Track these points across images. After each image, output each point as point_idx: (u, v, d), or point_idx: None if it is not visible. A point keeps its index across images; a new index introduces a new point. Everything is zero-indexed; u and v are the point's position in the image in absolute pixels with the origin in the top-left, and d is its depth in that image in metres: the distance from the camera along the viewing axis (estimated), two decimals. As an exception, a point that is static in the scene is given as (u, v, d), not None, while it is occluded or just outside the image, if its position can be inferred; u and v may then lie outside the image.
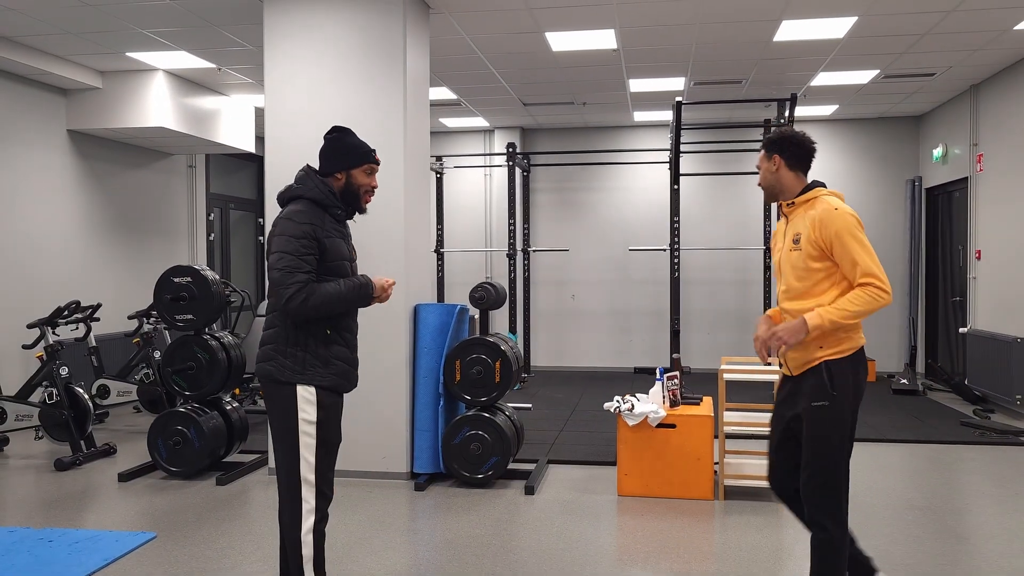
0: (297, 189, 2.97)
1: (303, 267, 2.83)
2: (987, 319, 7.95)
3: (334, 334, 2.95)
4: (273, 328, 2.94)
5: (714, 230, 10.22)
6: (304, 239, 2.85)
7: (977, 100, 8.20)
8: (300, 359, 2.89)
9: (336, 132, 3.07)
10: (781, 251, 3.11)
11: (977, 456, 5.89)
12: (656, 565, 3.84)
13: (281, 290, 2.80)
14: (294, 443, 2.89)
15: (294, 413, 2.87)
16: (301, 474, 2.89)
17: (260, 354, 2.97)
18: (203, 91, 8.29)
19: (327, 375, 2.93)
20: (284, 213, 2.92)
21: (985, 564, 3.80)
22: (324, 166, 3.02)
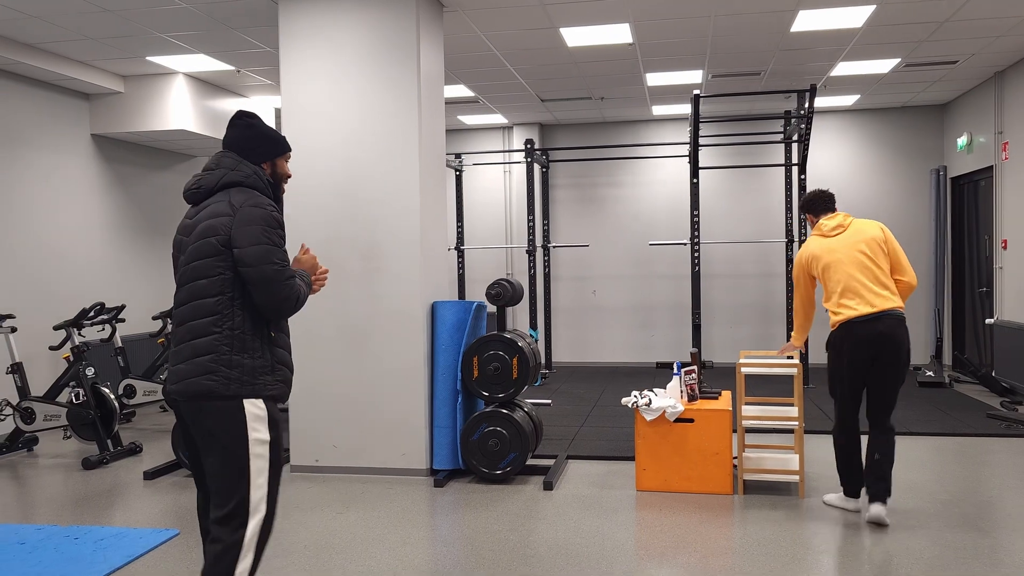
0: (234, 175, 2.67)
1: (287, 260, 2.63)
2: (1014, 309, 7.83)
3: (277, 335, 2.69)
4: (208, 335, 2.55)
5: (735, 223, 10.15)
6: (280, 229, 2.63)
7: (1002, 87, 8.07)
8: (248, 368, 2.56)
9: (249, 118, 2.80)
10: None
11: (1003, 449, 5.81)
12: (674, 560, 3.83)
13: (277, 288, 2.56)
14: (244, 468, 2.53)
15: (244, 433, 2.53)
16: (251, 503, 2.54)
17: (191, 367, 2.55)
18: (223, 93, 8.38)
19: (274, 383, 2.64)
20: (247, 200, 2.60)
21: (1007, 557, 3.75)
22: (254, 155, 2.74)
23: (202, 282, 2.58)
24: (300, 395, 5.42)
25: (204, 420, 2.57)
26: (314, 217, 5.36)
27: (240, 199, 2.60)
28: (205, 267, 2.58)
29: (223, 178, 2.65)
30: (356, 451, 5.36)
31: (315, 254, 2.94)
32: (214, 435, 2.56)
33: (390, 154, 5.29)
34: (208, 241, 2.57)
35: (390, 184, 5.30)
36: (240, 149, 2.73)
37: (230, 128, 2.79)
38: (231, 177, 2.65)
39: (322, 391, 5.38)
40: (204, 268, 2.58)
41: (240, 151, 2.73)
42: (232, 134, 2.77)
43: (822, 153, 9.89)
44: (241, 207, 2.58)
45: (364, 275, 5.32)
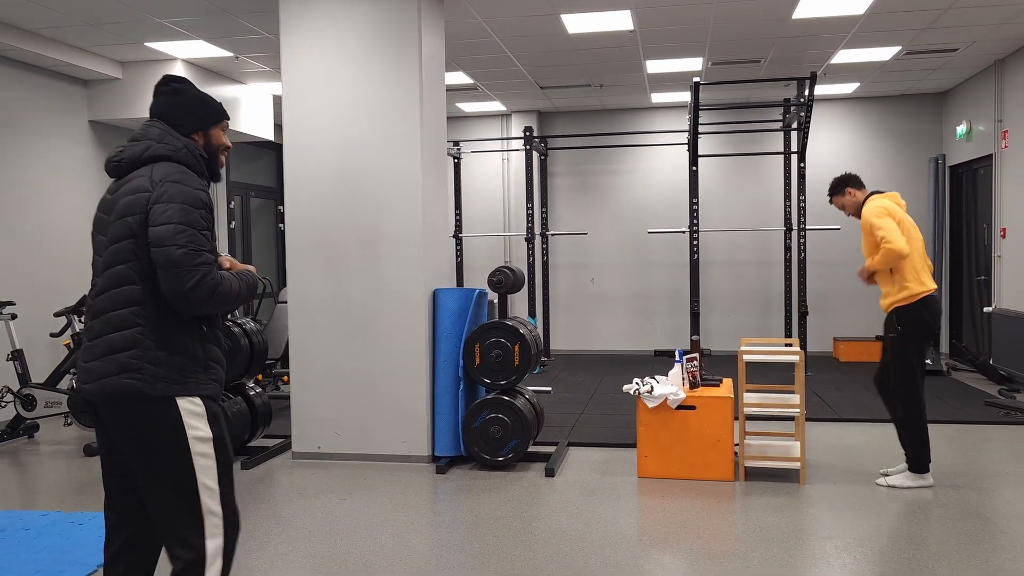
0: (159, 148, 2.36)
1: (206, 244, 2.28)
2: (1013, 298, 7.86)
3: (209, 331, 2.39)
4: (129, 327, 2.25)
5: (734, 211, 10.15)
6: (203, 210, 2.31)
7: (1002, 76, 8.07)
8: (177, 365, 2.28)
9: (179, 83, 2.50)
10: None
11: (1002, 436, 5.84)
12: (677, 545, 3.85)
13: (183, 273, 2.21)
14: (187, 471, 2.26)
15: (181, 433, 2.26)
16: (203, 505, 2.28)
17: (107, 365, 2.24)
18: (221, 80, 8.34)
19: (208, 382, 2.35)
20: (168, 175, 2.31)
21: (1007, 542, 3.78)
22: (183, 124, 2.43)
23: (121, 268, 2.27)
24: (301, 382, 5.42)
25: (130, 424, 2.28)
26: (314, 203, 5.35)
27: (162, 174, 2.31)
28: (124, 250, 2.28)
29: (147, 151, 2.36)
30: (358, 438, 5.37)
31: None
32: (145, 441, 2.27)
33: (392, 140, 5.28)
34: (125, 221, 2.28)
35: (392, 170, 5.28)
36: (168, 119, 2.43)
37: (156, 95, 2.49)
38: (157, 150, 2.36)
39: (323, 378, 5.38)
40: (123, 252, 2.28)
41: (169, 121, 2.42)
42: (158, 102, 2.47)
43: (821, 141, 9.89)
44: (161, 182, 2.29)
45: (365, 262, 5.31)
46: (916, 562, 3.57)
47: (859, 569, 3.52)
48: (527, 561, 3.67)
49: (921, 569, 3.49)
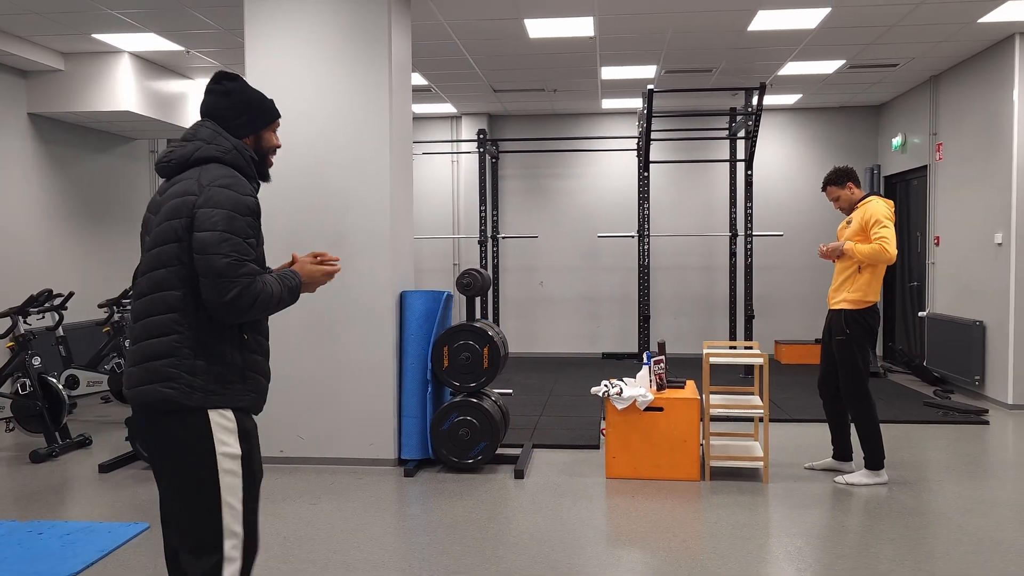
0: (208, 149, 2.30)
1: (250, 254, 2.23)
2: (945, 303, 8.24)
3: (251, 339, 2.32)
4: (167, 334, 2.19)
5: (680, 217, 10.36)
6: (250, 216, 2.25)
7: (937, 91, 8.46)
8: (216, 375, 2.22)
9: (232, 80, 2.41)
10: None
11: (943, 435, 6.12)
12: (649, 544, 3.92)
13: (225, 284, 2.15)
14: (213, 487, 2.20)
15: (210, 448, 2.20)
16: (225, 526, 2.21)
17: (146, 372, 2.20)
18: (168, 74, 8.11)
19: (245, 393, 2.29)
20: (216, 178, 2.23)
21: (965, 536, 3.97)
22: (236, 125, 2.37)
23: (163, 271, 2.21)
24: (264, 385, 5.31)
25: (161, 433, 2.24)
26: (281, 205, 5.25)
27: (210, 177, 2.24)
28: (167, 254, 2.21)
29: (197, 151, 2.29)
30: (322, 442, 5.30)
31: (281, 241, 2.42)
32: (174, 452, 2.23)
33: (360, 142, 5.23)
34: (171, 224, 2.21)
35: (360, 172, 5.23)
36: (220, 118, 2.36)
37: (207, 94, 2.41)
38: (206, 151, 2.29)
39: (287, 381, 5.28)
40: (166, 255, 2.21)
41: (220, 120, 2.36)
42: (209, 101, 2.39)
43: (763, 149, 10.17)
44: (209, 186, 2.21)
45: (332, 263, 5.23)
46: (873, 555, 3.72)
47: (826, 562, 3.65)
48: (509, 562, 3.68)
49: (879, 561, 3.64)
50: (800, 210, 10.26)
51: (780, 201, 10.31)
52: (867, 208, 4.79)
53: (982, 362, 7.37)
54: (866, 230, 4.72)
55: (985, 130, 7.41)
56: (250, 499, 2.27)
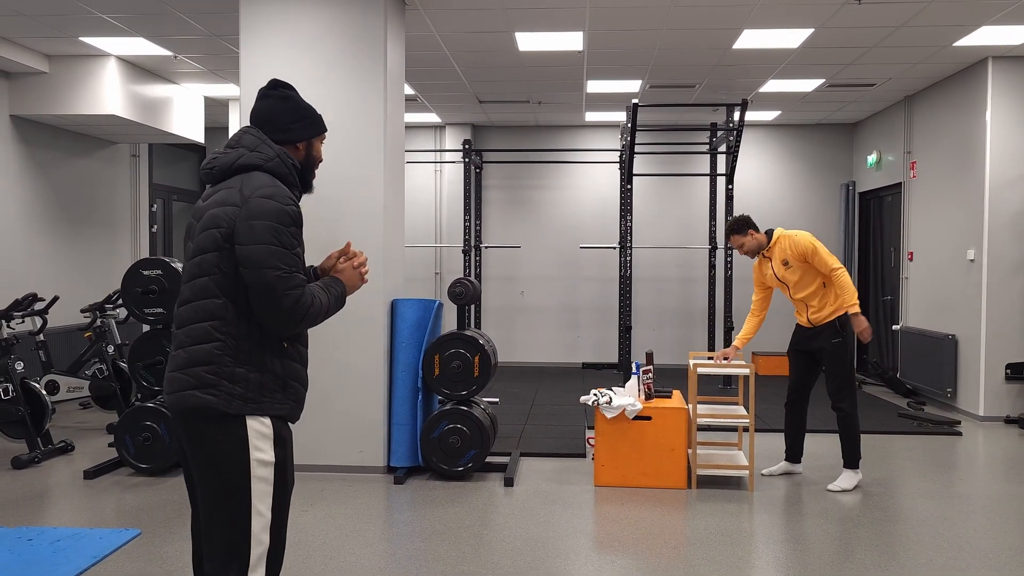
0: (252, 157, 2.30)
1: (297, 265, 2.24)
2: (918, 317, 8.44)
3: (291, 348, 2.33)
4: (209, 341, 2.21)
5: (659, 229, 10.50)
6: (294, 227, 2.25)
7: (911, 110, 8.68)
8: (255, 383, 2.23)
9: (285, 88, 2.44)
10: (776, 274, 5.11)
11: (918, 445, 6.28)
12: (638, 551, 3.99)
13: (278, 298, 2.17)
14: (244, 493, 2.21)
15: (245, 454, 2.22)
16: (252, 533, 2.22)
17: (188, 378, 2.22)
18: (154, 79, 8.08)
19: (285, 401, 2.31)
20: (258, 189, 2.23)
21: (946, 543, 4.09)
22: (285, 133, 2.39)
23: (204, 280, 2.23)
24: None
25: (198, 438, 2.25)
26: (273, 211, 5.26)
27: (252, 187, 2.24)
28: (208, 263, 2.23)
29: (240, 159, 2.29)
30: (312, 449, 5.29)
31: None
32: (209, 456, 2.24)
33: (354, 150, 5.27)
34: (211, 233, 2.22)
35: (354, 181, 5.27)
36: (268, 125, 2.37)
37: (261, 99, 2.41)
38: (249, 159, 2.29)
39: (277, 388, 5.28)
40: (207, 264, 2.23)
41: (267, 128, 2.37)
42: (262, 107, 2.40)
43: (742, 164, 10.34)
44: (251, 197, 2.21)
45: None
46: (858, 560, 3.82)
47: (811, 569, 3.74)
48: (504, 568, 3.73)
49: (863, 567, 3.74)
50: (778, 222, 10.30)
51: (757, 215, 10.33)
52: (795, 243, 5.02)
53: (954, 375, 7.56)
54: (808, 261, 4.98)
55: (958, 149, 7.62)
56: (280, 508, 2.28)
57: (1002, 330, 7.12)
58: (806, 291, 5.03)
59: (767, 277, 5.21)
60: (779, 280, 5.14)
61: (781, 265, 5.07)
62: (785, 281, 5.10)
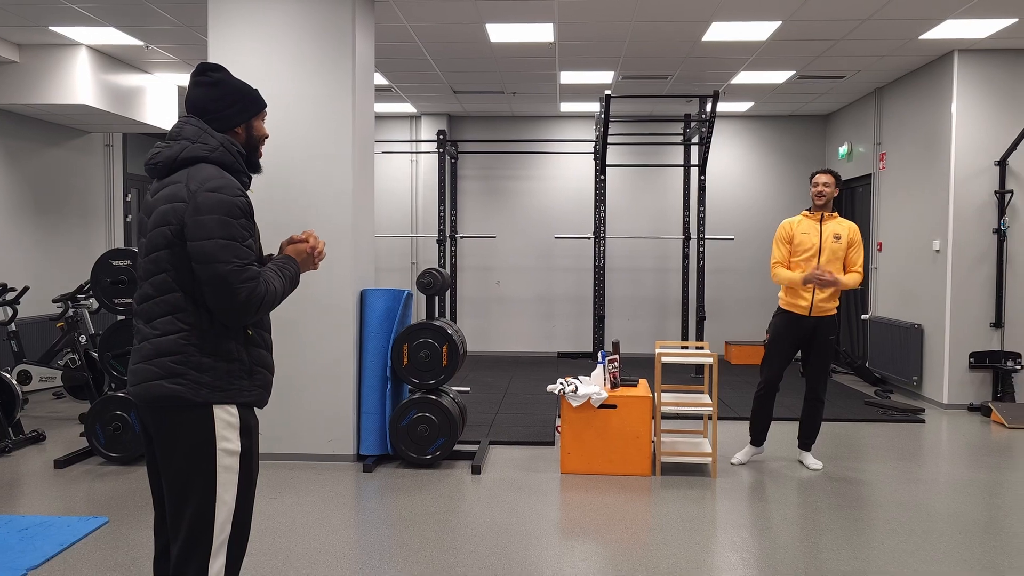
0: (195, 149, 2.28)
1: (249, 257, 2.24)
2: (887, 306, 8.58)
3: (255, 334, 2.36)
4: (174, 333, 2.23)
5: (635, 220, 10.58)
6: (244, 219, 2.25)
7: (881, 102, 8.79)
8: (222, 371, 2.25)
9: (214, 72, 2.39)
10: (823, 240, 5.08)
11: (883, 432, 6.40)
12: (602, 536, 4.08)
13: (232, 290, 2.18)
14: (209, 482, 2.23)
15: (211, 443, 2.23)
16: (216, 522, 2.24)
17: (154, 369, 2.22)
18: (126, 68, 8.04)
19: (252, 388, 2.33)
20: (205, 182, 2.21)
21: (880, 523, 4.20)
22: (223, 119, 2.36)
23: (162, 276, 2.25)
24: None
25: (166, 427, 2.26)
26: (242, 201, 5.28)
27: (199, 181, 2.22)
28: (162, 260, 2.24)
29: (183, 152, 2.26)
30: (281, 437, 5.34)
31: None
32: (176, 444, 2.25)
33: (323, 140, 5.29)
34: (162, 231, 2.23)
35: (322, 171, 5.30)
36: (205, 114, 2.34)
37: (193, 87, 2.36)
38: (192, 151, 2.26)
39: (247, 377, 5.32)
40: (162, 261, 2.24)
41: (209, 114, 2.33)
42: (195, 95, 2.35)
43: (716, 155, 10.44)
44: (198, 192, 2.20)
45: (293, 261, 5.29)
46: (813, 544, 3.93)
47: (769, 552, 3.84)
48: (466, 553, 3.80)
49: (819, 550, 3.85)
50: (750, 215, 10.55)
51: (731, 206, 10.60)
52: (854, 227, 5.13)
53: (920, 364, 7.70)
54: (847, 250, 5.06)
55: (925, 141, 7.74)
56: (244, 496, 2.30)
57: (966, 320, 7.26)
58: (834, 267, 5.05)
59: (805, 238, 5.08)
60: (819, 246, 5.04)
61: (832, 237, 5.04)
62: (823, 250, 5.02)
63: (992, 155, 7.19)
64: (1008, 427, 6.56)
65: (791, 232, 5.15)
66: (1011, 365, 7.10)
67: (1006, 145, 7.11)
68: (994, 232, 7.19)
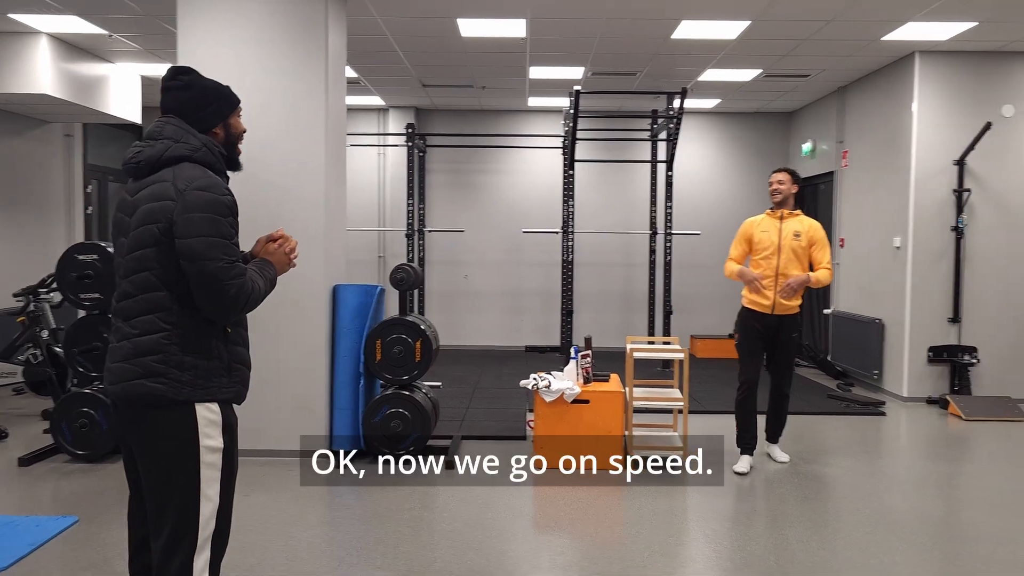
0: (179, 148, 2.30)
1: (237, 255, 2.29)
2: (849, 301, 8.76)
3: (234, 332, 2.39)
4: (155, 332, 2.24)
5: (601, 214, 10.65)
6: (231, 217, 2.29)
7: (844, 101, 8.96)
8: (202, 369, 2.27)
9: (187, 74, 2.40)
10: (782, 238, 5.08)
11: (846, 425, 6.56)
12: (578, 530, 4.13)
13: (220, 287, 2.21)
14: (192, 479, 2.25)
15: (194, 440, 2.25)
16: (200, 518, 2.26)
17: (135, 368, 2.23)
18: (88, 57, 7.87)
19: (231, 385, 2.36)
20: (192, 182, 2.24)
21: (846, 514, 4.32)
22: (200, 121, 2.37)
23: (145, 274, 2.26)
24: (194, 377, 5.29)
25: (146, 426, 2.27)
26: (212, 195, 5.22)
27: (185, 180, 2.24)
28: (148, 258, 2.25)
29: (167, 151, 2.28)
30: (252, 433, 5.24)
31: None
32: (157, 444, 2.26)
33: (295, 134, 5.25)
34: (148, 229, 2.24)
35: (294, 166, 5.26)
36: (185, 114, 2.36)
37: (166, 92, 2.38)
38: (176, 151, 2.28)
39: (218, 373, 5.27)
40: (147, 259, 2.25)
41: (185, 117, 2.35)
42: (172, 98, 2.37)
43: (682, 151, 10.53)
44: (186, 190, 2.23)
45: (265, 256, 5.25)
46: (782, 535, 4.02)
47: (740, 543, 3.92)
48: (445, 549, 3.83)
49: (788, 541, 3.94)
50: (716, 210, 10.68)
51: (698, 201, 10.72)
52: (815, 224, 5.16)
53: (880, 358, 7.88)
54: (813, 247, 5.10)
55: (886, 140, 7.91)
56: (226, 492, 2.33)
57: (925, 315, 7.45)
58: (790, 271, 5.04)
59: (764, 236, 5.12)
60: (777, 245, 5.07)
61: (792, 235, 5.06)
62: (782, 249, 5.05)
63: (951, 154, 7.37)
64: (965, 419, 6.76)
65: (751, 231, 5.21)
66: (968, 359, 7.30)
67: (964, 145, 7.29)
68: (952, 230, 7.38)
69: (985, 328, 7.41)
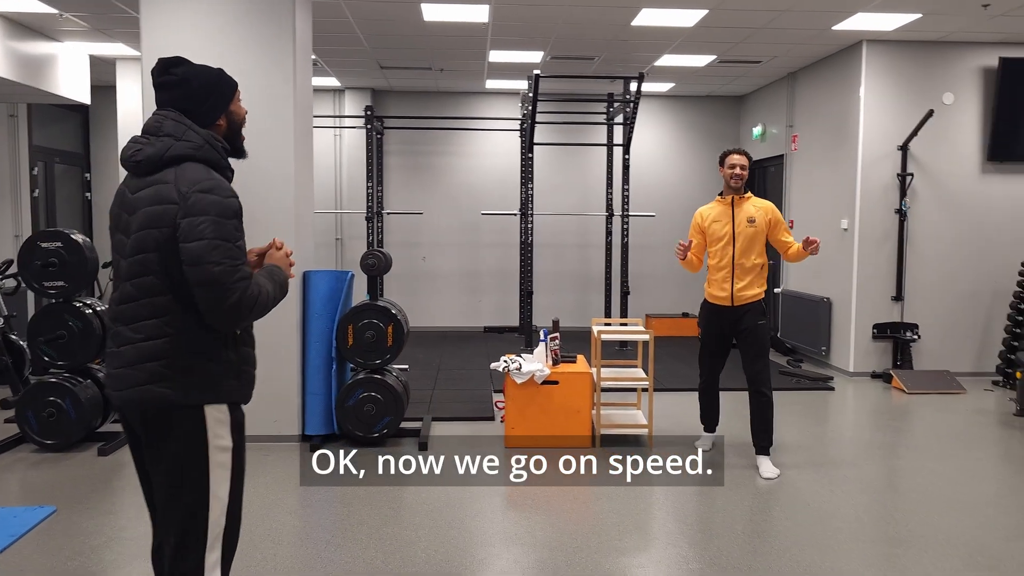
0: (181, 147, 2.23)
1: (241, 258, 2.20)
2: (797, 281, 9.08)
3: (243, 333, 2.35)
4: (160, 337, 2.19)
5: (558, 197, 10.78)
6: (235, 219, 2.22)
7: (794, 86, 9.23)
8: (211, 372, 2.25)
9: (180, 65, 2.31)
10: (735, 226, 4.90)
11: (798, 400, 6.84)
12: (553, 506, 4.29)
13: (222, 292, 2.14)
14: (203, 480, 2.24)
15: (204, 442, 2.24)
16: (211, 518, 2.26)
17: (140, 374, 2.19)
18: (34, 36, 7.65)
19: (240, 387, 2.33)
20: (196, 183, 2.18)
21: (804, 484, 4.57)
22: (201, 115, 2.30)
23: (149, 278, 2.20)
24: (163, 364, 5.27)
25: (154, 430, 2.24)
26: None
27: (189, 182, 2.18)
28: (150, 262, 2.19)
29: (169, 150, 2.21)
30: (224, 419, 5.32)
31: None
32: (167, 446, 2.24)
33: (263, 119, 5.22)
34: (151, 233, 2.18)
35: (263, 149, 5.23)
36: (185, 110, 2.28)
37: (159, 88, 2.30)
38: (178, 150, 2.21)
39: (188, 360, 5.27)
40: (150, 263, 2.19)
41: (186, 112, 2.28)
42: (165, 96, 2.30)
43: (637, 134, 10.70)
44: (190, 193, 2.16)
45: (234, 242, 5.25)
46: (747, 506, 4.24)
47: (702, 513, 4.13)
48: (427, 529, 3.96)
49: (753, 511, 4.16)
50: (670, 192, 10.91)
51: (652, 183, 10.93)
52: (770, 206, 4.94)
53: (828, 334, 8.21)
54: (771, 229, 4.89)
55: (835, 124, 8.20)
56: (236, 491, 2.33)
57: (870, 293, 7.78)
58: (747, 259, 4.85)
59: (717, 226, 4.93)
60: (732, 234, 4.88)
61: (746, 220, 4.85)
62: (737, 237, 4.86)
63: (895, 140, 7.68)
64: (907, 392, 7.12)
65: (702, 224, 5.03)
66: (909, 335, 7.67)
67: (908, 131, 7.60)
68: (896, 212, 7.71)
69: (926, 306, 7.78)
